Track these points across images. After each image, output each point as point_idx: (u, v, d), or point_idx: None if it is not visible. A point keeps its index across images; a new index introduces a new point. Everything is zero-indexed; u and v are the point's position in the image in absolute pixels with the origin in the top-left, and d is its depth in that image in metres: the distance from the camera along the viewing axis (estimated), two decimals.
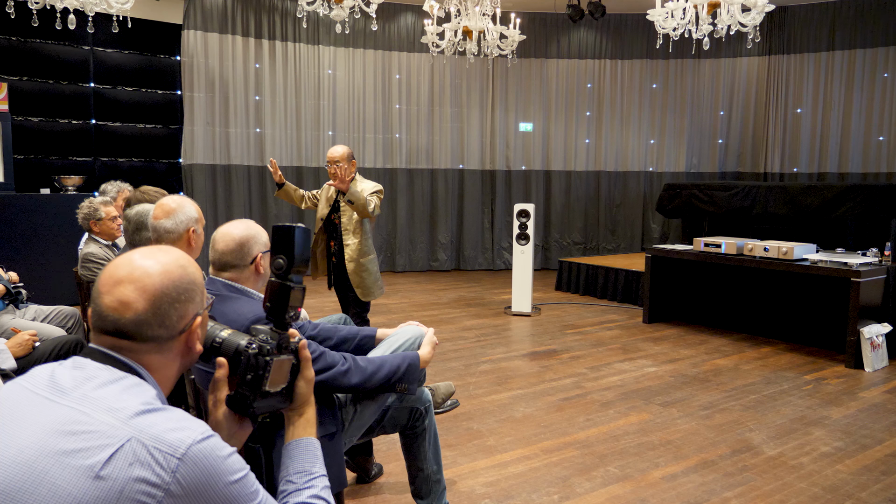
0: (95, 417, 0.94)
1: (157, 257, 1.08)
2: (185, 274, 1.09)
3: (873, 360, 4.65)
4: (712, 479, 2.94)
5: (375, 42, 8.81)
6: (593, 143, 9.53)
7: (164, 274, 1.06)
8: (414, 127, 9.09)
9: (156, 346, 1.06)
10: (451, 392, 3.69)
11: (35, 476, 0.89)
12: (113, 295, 1.04)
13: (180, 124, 7.97)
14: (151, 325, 1.05)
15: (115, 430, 0.93)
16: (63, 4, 4.38)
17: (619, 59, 9.38)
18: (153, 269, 1.06)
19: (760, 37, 6.16)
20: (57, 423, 0.93)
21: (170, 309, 1.06)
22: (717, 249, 5.41)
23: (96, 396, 0.97)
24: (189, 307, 1.09)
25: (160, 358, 1.08)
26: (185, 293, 1.09)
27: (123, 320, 1.04)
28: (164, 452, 0.92)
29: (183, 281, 1.09)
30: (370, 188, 4.00)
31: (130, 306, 1.04)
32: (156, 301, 1.05)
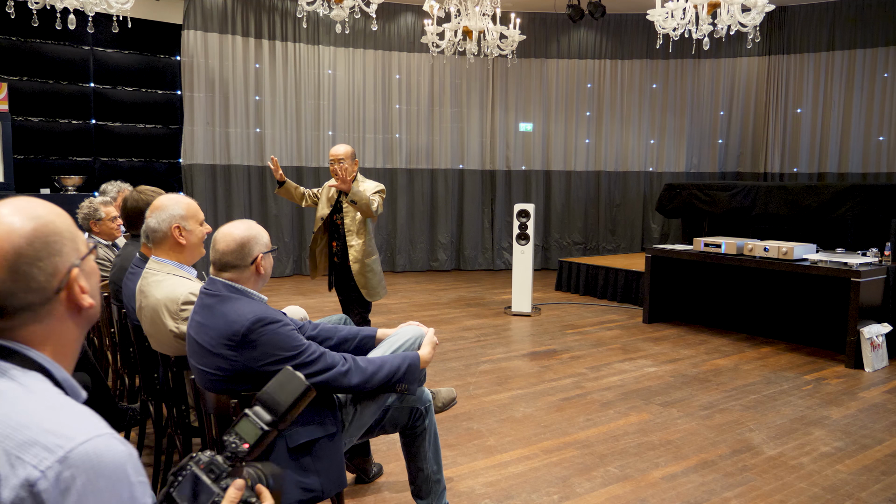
0: None
1: (8, 213, 0.90)
2: (41, 226, 0.90)
3: (873, 360, 4.65)
4: (712, 479, 2.94)
5: (375, 42, 8.81)
6: (593, 143, 9.53)
7: (17, 231, 0.88)
8: (414, 127, 9.09)
9: (31, 314, 0.89)
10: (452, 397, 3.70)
11: None
12: None
13: (180, 124, 7.97)
14: (15, 294, 0.88)
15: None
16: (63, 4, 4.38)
17: (619, 59, 9.38)
18: (1, 231, 0.88)
19: (760, 37, 6.16)
20: None
21: (32, 269, 0.88)
22: (717, 249, 5.41)
23: None
24: (58, 260, 0.91)
25: (41, 327, 0.91)
26: (48, 246, 0.90)
27: None
28: (28, 465, 0.77)
29: (41, 234, 0.90)
30: (372, 188, 3.98)
31: None
32: (13, 265, 0.87)
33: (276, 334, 1.88)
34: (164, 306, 2.24)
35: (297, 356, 1.89)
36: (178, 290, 2.24)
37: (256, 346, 1.86)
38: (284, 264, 8.53)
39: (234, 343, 1.85)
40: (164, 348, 2.31)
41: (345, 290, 4.11)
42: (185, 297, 2.22)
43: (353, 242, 3.96)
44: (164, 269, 2.34)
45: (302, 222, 8.65)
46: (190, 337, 1.99)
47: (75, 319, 0.96)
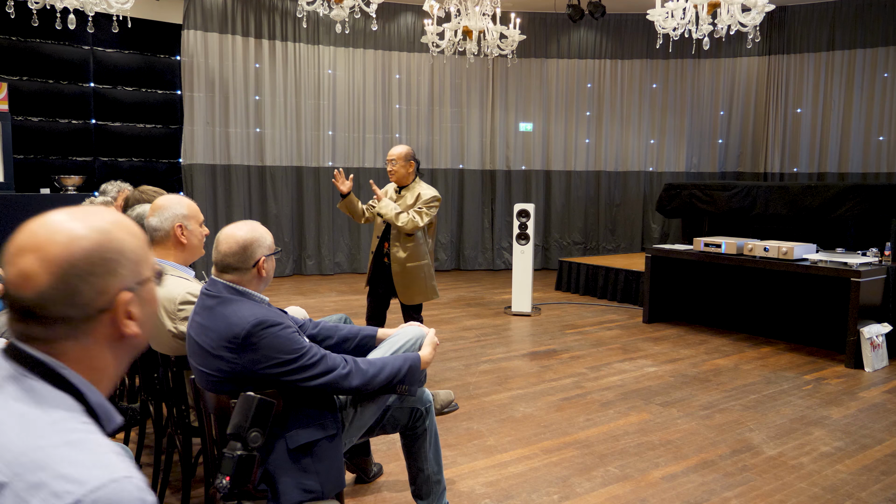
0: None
1: (74, 220, 0.86)
2: (104, 241, 0.87)
3: (873, 360, 4.65)
4: (712, 479, 2.94)
5: (375, 42, 8.81)
6: (593, 143, 9.53)
7: (74, 241, 0.84)
8: (414, 127, 9.09)
9: (69, 329, 0.85)
10: (450, 400, 3.70)
11: None
12: (14, 266, 0.84)
13: (180, 124, 7.97)
14: (57, 304, 0.84)
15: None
16: (63, 4, 4.38)
17: (619, 59, 9.38)
18: (61, 236, 0.84)
19: (760, 37, 6.16)
20: None
21: (81, 283, 0.84)
22: (717, 249, 5.41)
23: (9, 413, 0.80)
24: (110, 280, 0.87)
25: (77, 346, 0.86)
26: (103, 263, 0.86)
27: (24, 297, 0.83)
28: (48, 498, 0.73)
29: (101, 249, 0.86)
30: (425, 197, 3.94)
31: (30, 280, 0.83)
32: (62, 273, 0.83)
33: (276, 337, 1.87)
34: (162, 306, 2.24)
35: (298, 359, 1.89)
36: (175, 291, 2.24)
37: (257, 350, 1.85)
38: (284, 264, 8.53)
39: (235, 346, 1.85)
40: (163, 348, 2.31)
41: (385, 290, 4.08)
42: (182, 297, 2.22)
43: (397, 245, 3.96)
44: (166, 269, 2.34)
45: (302, 222, 8.65)
46: (190, 338, 1.99)
47: (115, 345, 0.91)
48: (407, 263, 3.95)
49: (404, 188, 4.03)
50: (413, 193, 3.99)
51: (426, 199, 3.95)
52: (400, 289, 3.97)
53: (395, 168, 3.96)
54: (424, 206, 3.92)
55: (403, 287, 3.97)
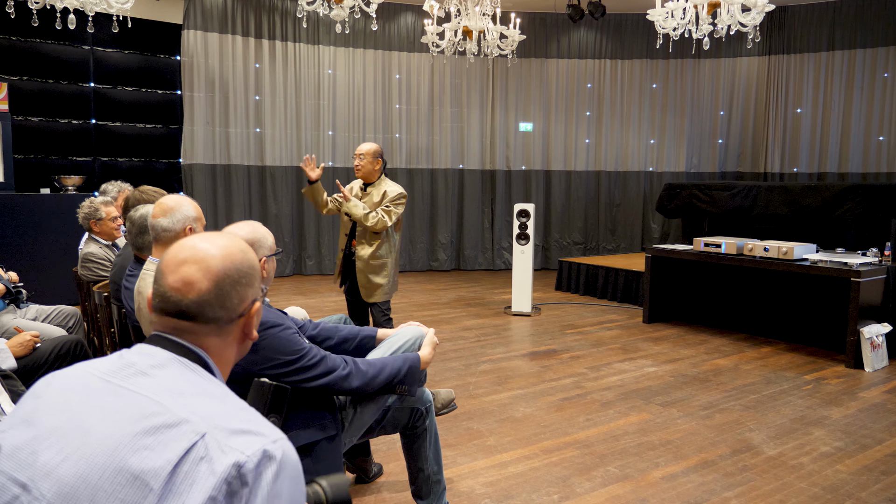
0: (170, 409, 0.92)
1: (220, 241, 1.09)
2: (245, 259, 1.10)
3: (873, 360, 4.65)
4: (712, 479, 2.94)
5: (375, 42, 8.81)
6: (593, 143, 9.53)
7: (227, 256, 1.07)
8: (414, 127, 9.09)
9: (216, 328, 1.06)
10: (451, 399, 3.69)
11: (115, 467, 0.87)
12: (177, 274, 1.04)
13: (180, 124, 7.97)
14: (213, 306, 1.05)
15: (191, 423, 0.90)
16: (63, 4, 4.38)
17: (619, 59, 9.38)
18: (216, 251, 1.06)
19: (760, 37, 6.16)
20: (134, 413, 0.91)
21: (231, 290, 1.06)
22: (717, 249, 5.41)
23: (166, 387, 0.96)
24: (249, 291, 1.09)
25: (219, 341, 1.07)
26: (245, 277, 1.08)
27: (186, 300, 1.04)
28: (236, 451, 0.88)
29: (244, 265, 1.09)
30: (392, 194, 4.01)
31: (194, 286, 1.04)
32: (218, 281, 1.05)
33: (276, 339, 1.87)
34: None
35: (298, 360, 1.89)
36: None
37: (257, 351, 1.85)
38: (284, 264, 8.53)
39: None
40: None
41: (352, 289, 4.15)
42: None
43: (363, 242, 4.02)
44: None
45: (302, 222, 8.65)
46: None
47: (240, 344, 1.13)
48: (371, 261, 3.99)
49: (370, 185, 4.09)
50: (379, 191, 4.04)
51: (392, 196, 4.00)
52: (362, 286, 4.02)
53: (363, 164, 4.03)
54: (392, 205, 3.98)
55: (365, 283, 4.01)
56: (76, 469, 0.88)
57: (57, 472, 0.89)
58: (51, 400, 0.99)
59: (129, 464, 0.87)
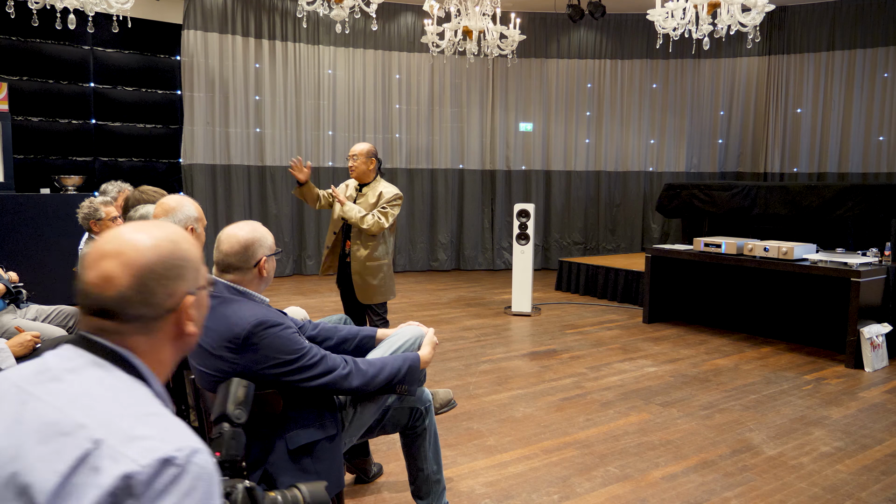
0: (70, 416, 0.86)
1: (148, 231, 1.00)
2: (175, 249, 1.01)
3: (873, 360, 4.65)
4: (712, 479, 2.94)
5: (375, 42, 8.81)
6: (593, 143, 9.53)
7: (153, 248, 0.98)
8: (414, 127, 9.09)
9: (141, 325, 0.98)
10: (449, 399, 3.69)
11: (6, 478, 0.84)
12: (96, 270, 0.96)
13: (180, 124, 7.97)
14: (135, 304, 0.96)
15: (87, 430, 0.84)
16: (63, 4, 4.38)
17: (619, 59, 9.38)
18: (141, 244, 0.98)
19: (760, 37, 6.16)
20: (34, 422, 0.87)
21: (156, 286, 0.97)
22: (717, 249, 5.41)
23: (74, 392, 0.90)
24: (179, 284, 1.00)
25: (147, 340, 0.99)
26: (173, 269, 1.00)
27: (105, 297, 0.95)
28: (128, 459, 0.81)
29: (173, 257, 1.00)
30: (387, 195, 3.97)
31: (113, 282, 0.95)
32: (141, 277, 0.96)
33: (277, 338, 1.87)
34: None
35: (298, 360, 1.89)
36: None
37: (258, 350, 1.86)
38: (284, 264, 8.53)
39: (236, 346, 1.85)
40: None
41: (347, 290, 4.14)
42: None
43: (358, 243, 3.98)
44: None
45: (302, 222, 8.65)
46: None
47: (176, 342, 1.04)
48: (367, 262, 3.96)
49: (365, 186, 4.04)
50: (374, 192, 4.00)
51: (388, 198, 3.96)
52: (358, 288, 3.99)
53: (357, 164, 3.99)
54: (388, 206, 3.94)
55: (362, 286, 3.98)
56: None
57: None
58: None
59: (19, 475, 0.82)
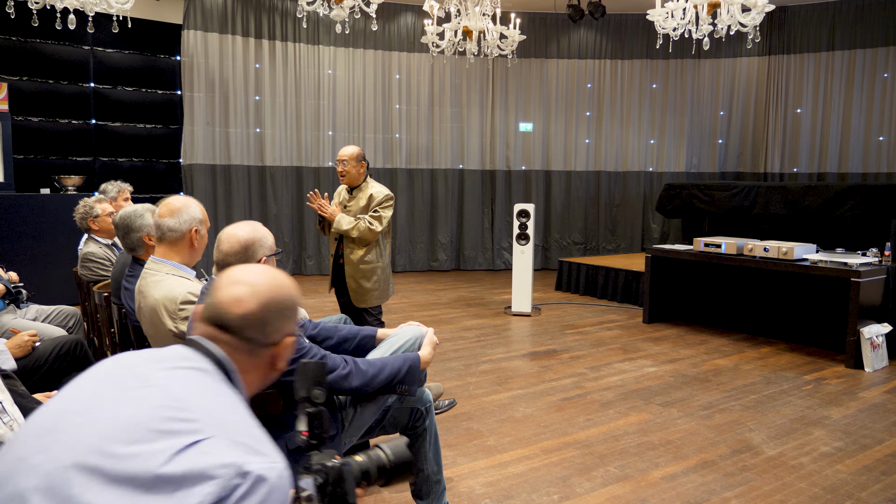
0: (186, 408, 0.99)
1: (273, 274, 1.22)
2: (291, 296, 1.22)
3: (873, 360, 4.65)
4: (712, 479, 2.94)
5: (375, 42, 8.81)
6: (593, 143, 9.53)
7: (276, 288, 1.19)
8: (414, 127, 9.09)
9: (249, 347, 1.16)
10: (439, 393, 3.68)
11: (132, 440, 0.94)
12: (229, 291, 1.17)
13: (180, 124, 7.97)
14: (253, 326, 1.15)
15: (200, 423, 0.97)
16: (63, 4, 4.38)
17: (619, 59, 9.38)
18: (268, 281, 1.19)
19: (760, 37, 6.16)
20: (153, 403, 0.98)
21: (274, 317, 1.17)
22: (717, 249, 5.41)
23: (187, 387, 1.03)
24: (287, 324, 1.20)
25: (249, 361, 1.17)
26: (287, 310, 1.20)
27: (231, 315, 1.15)
28: (234, 464, 0.93)
29: (288, 300, 1.21)
30: (378, 197, 3.94)
31: (242, 303, 1.15)
32: (265, 306, 1.16)
33: None
34: (163, 306, 2.24)
35: (298, 360, 1.89)
36: (176, 290, 2.24)
37: None
38: (284, 264, 8.52)
39: None
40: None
41: (341, 292, 4.12)
42: (183, 297, 2.22)
43: (351, 246, 3.97)
44: (163, 269, 2.34)
45: (302, 223, 8.65)
46: None
47: (266, 372, 1.21)
48: (360, 265, 3.94)
49: (356, 189, 4.02)
50: (365, 194, 3.97)
51: (379, 199, 3.93)
52: (353, 292, 3.96)
53: (347, 169, 3.93)
54: (380, 209, 3.91)
55: (357, 289, 3.95)
56: (95, 430, 0.95)
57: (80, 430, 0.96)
58: (90, 383, 1.06)
59: (142, 447, 0.93)
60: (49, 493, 0.89)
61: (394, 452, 1.28)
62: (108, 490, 0.89)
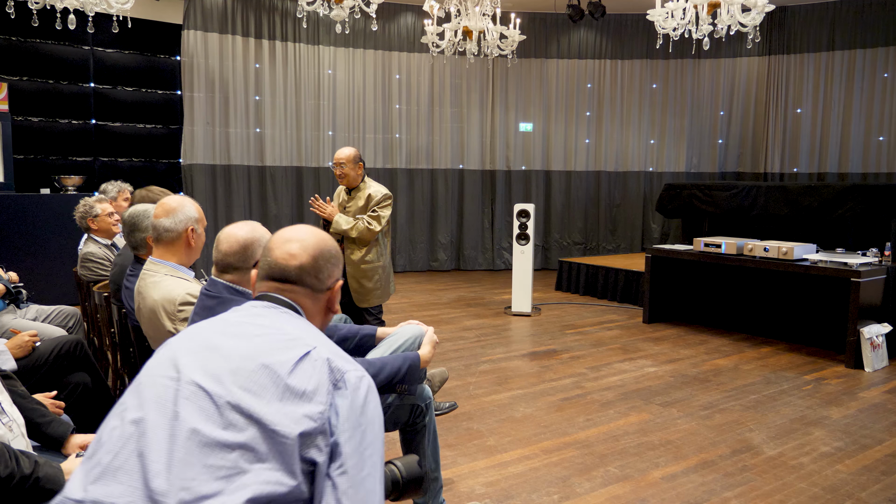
0: (287, 331, 1.23)
1: (314, 230, 1.42)
2: (333, 246, 1.42)
3: (873, 360, 4.65)
4: (712, 479, 2.94)
5: (375, 42, 8.81)
6: (593, 143, 9.53)
7: (321, 241, 1.39)
8: (414, 127, 9.09)
9: (310, 292, 1.36)
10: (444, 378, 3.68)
11: (257, 367, 1.14)
12: (283, 249, 1.36)
13: (180, 124, 7.97)
14: (310, 274, 1.35)
15: (304, 339, 1.21)
16: (63, 4, 4.38)
17: (619, 59, 9.38)
18: (314, 236, 1.39)
19: (760, 37, 6.16)
20: (263, 339, 1.20)
21: (325, 265, 1.37)
22: (717, 249, 5.41)
23: (281, 321, 1.27)
24: (335, 270, 1.40)
25: (311, 304, 1.37)
26: (334, 258, 1.40)
27: (290, 268, 1.34)
28: (340, 367, 1.17)
29: (333, 250, 1.41)
30: (377, 197, 3.95)
31: (297, 257, 1.35)
32: (315, 257, 1.36)
33: None
34: (162, 307, 2.23)
35: None
36: (175, 291, 2.24)
37: None
38: None
39: None
40: None
41: (343, 293, 4.11)
42: (182, 298, 2.22)
43: (352, 246, 3.97)
44: (162, 269, 2.34)
45: (301, 222, 8.63)
46: None
47: (324, 316, 1.42)
48: (361, 265, 3.94)
49: (354, 189, 4.01)
50: (363, 194, 3.97)
51: (377, 199, 3.93)
52: (355, 292, 3.96)
53: (346, 171, 3.93)
54: (378, 209, 3.91)
55: (359, 289, 3.95)
56: (227, 364, 1.16)
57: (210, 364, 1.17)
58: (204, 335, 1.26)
59: (266, 364, 1.15)
60: (210, 377, 1.14)
61: (407, 469, 1.40)
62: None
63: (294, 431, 1.07)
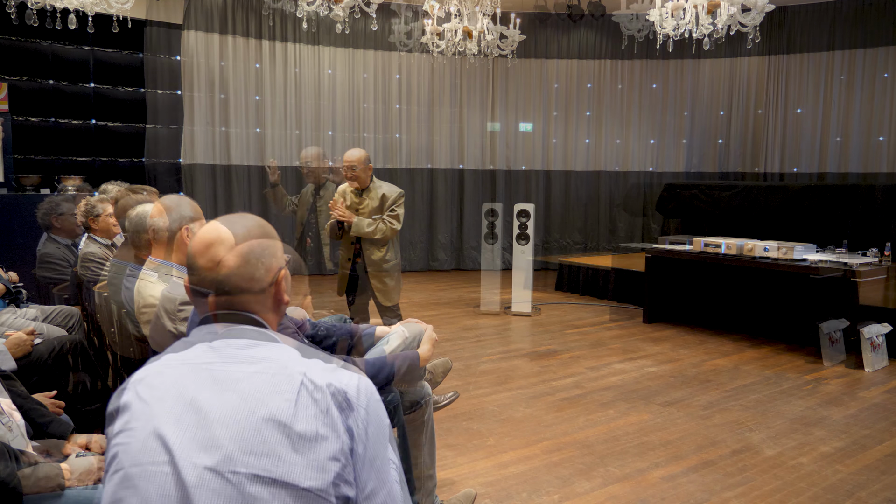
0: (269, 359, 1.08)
1: (240, 222, 1.21)
2: (264, 233, 1.21)
3: (873, 360, 4.65)
4: (712, 479, 2.94)
5: (375, 42, 8.81)
6: (593, 143, 9.53)
7: (248, 234, 1.18)
8: (414, 127, 9.09)
9: (252, 297, 1.17)
10: (448, 368, 3.67)
11: (259, 423, 1.01)
12: (206, 257, 1.17)
13: (180, 124, 7.97)
14: (243, 278, 1.15)
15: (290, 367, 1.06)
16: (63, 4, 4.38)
17: (619, 59, 9.38)
18: (238, 232, 1.18)
19: (760, 37, 6.16)
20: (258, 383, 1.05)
21: (257, 263, 1.17)
22: (717, 249, 5.41)
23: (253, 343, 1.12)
24: (273, 261, 1.20)
25: (259, 306, 1.18)
26: (268, 249, 1.19)
27: (219, 278, 1.15)
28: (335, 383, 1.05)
29: (264, 241, 1.20)
30: (392, 196, 3.96)
31: (223, 263, 1.15)
32: (244, 256, 1.16)
33: None
34: (162, 307, 2.23)
35: None
36: (175, 291, 2.23)
37: None
38: None
39: None
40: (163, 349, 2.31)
41: (362, 293, 4.11)
42: (182, 298, 2.21)
43: (371, 248, 3.97)
44: (160, 269, 2.34)
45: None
46: None
47: (276, 312, 1.22)
48: (383, 265, 3.95)
49: (364, 190, 4.01)
50: (376, 194, 3.97)
51: (393, 198, 3.96)
52: (379, 292, 3.97)
53: (358, 174, 3.93)
54: (396, 207, 3.95)
55: (382, 288, 3.97)
56: (225, 430, 1.01)
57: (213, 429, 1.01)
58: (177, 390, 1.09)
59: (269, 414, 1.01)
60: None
61: None
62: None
63: (326, 481, 0.99)
